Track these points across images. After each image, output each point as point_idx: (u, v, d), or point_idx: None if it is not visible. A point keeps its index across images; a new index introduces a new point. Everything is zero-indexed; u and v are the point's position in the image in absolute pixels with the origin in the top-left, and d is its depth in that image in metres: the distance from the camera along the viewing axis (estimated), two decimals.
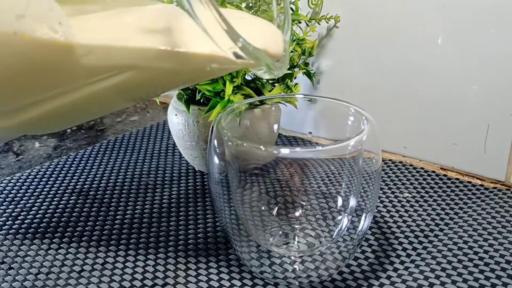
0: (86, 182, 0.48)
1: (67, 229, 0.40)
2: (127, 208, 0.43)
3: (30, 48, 0.22)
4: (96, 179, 0.48)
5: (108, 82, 0.26)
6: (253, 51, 0.25)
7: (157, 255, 0.36)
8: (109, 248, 0.37)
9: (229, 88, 0.39)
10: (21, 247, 0.37)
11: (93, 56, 0.24)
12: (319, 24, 0.49)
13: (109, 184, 0.47)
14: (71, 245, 0.38)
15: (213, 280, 0.33)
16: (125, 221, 0.41)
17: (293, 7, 0.46)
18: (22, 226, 0.40)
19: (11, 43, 0.22)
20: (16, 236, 0.39)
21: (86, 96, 0.27)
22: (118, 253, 0.37)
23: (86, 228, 0.40)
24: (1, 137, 0.34)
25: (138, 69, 0.26)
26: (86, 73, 0.25)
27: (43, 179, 0.48)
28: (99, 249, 0.37)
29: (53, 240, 0.38)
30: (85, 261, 0.36)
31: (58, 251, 0.37)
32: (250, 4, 0.39)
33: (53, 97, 0.26)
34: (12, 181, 0.48)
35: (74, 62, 0.24)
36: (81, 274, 0.34)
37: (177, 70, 0.27)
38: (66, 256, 0.36)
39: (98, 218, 0.41)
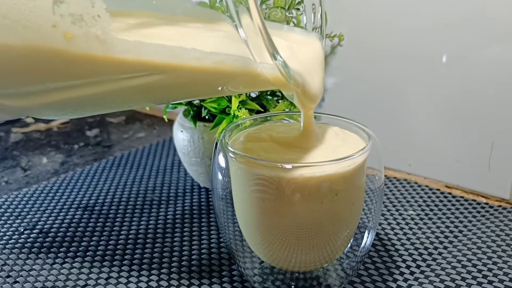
0: (92, 198, 0.48)
1: (72, 244, 0.40)
2: (132, 223, 0.43)
3: (66, 41, 0.22)
4: (102, 195, 0.49)
5: (136, 81, 0.26)
6: (290, 74, 0.25)
7: (161, 270, 0.36)
8: (113, 263, 0.37)
9: (235, 103, 0.39)
10: (26, 261, 0.38)
11: (128, 55, 0.24)
12: None
13: (114, 200, 0.47)
14: (75, 259, 0.38)
15: None
16: (129, 236, 0.41)
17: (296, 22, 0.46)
18: (28, 240, 0.41)
19: (51, 38, 0.22)
20: (22, 250, 0.39)
21: (108, 91, 0.27)
22: (122, 268, 0.37)
23: (91, 243, 0.40)
24: (14, 113, 0.34)
25: (169, 73, 0.26)
26: (116, 69, 0.25)
27: (50, 194, 0.49)
28: (103, 263, 0.37)
29: (58, 255, 0.39)
30: (89, 275, 0.36)
31: (63, 265, 0.37)
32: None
33: (76, 86, 0.25)
34: (19, 196, 0.48)
35: (107, 57, 0.24)
36: None
37: (206, 80, 0.27)
38: (71, 270, 0.37)
39: (103, 234, 0.42)
